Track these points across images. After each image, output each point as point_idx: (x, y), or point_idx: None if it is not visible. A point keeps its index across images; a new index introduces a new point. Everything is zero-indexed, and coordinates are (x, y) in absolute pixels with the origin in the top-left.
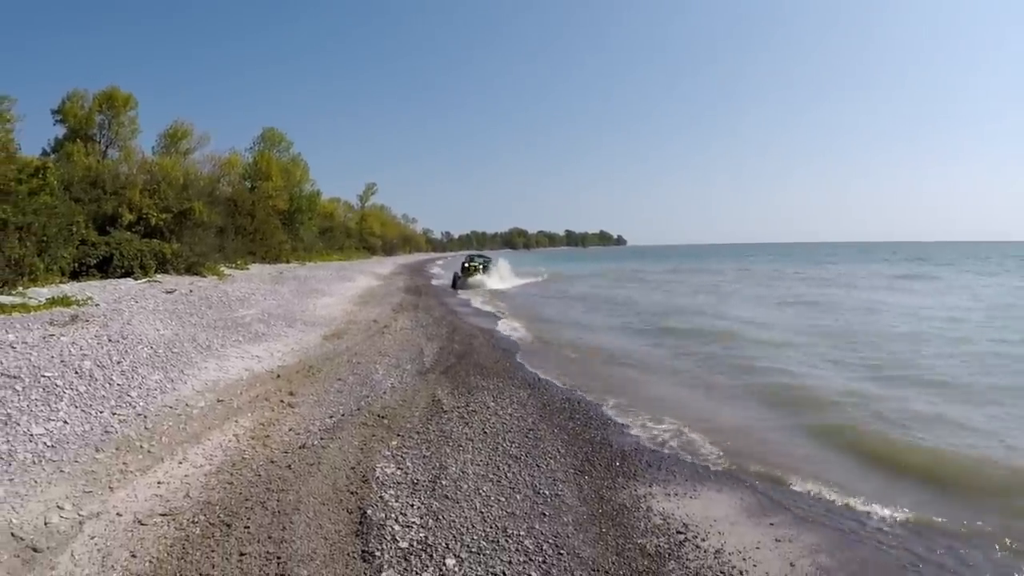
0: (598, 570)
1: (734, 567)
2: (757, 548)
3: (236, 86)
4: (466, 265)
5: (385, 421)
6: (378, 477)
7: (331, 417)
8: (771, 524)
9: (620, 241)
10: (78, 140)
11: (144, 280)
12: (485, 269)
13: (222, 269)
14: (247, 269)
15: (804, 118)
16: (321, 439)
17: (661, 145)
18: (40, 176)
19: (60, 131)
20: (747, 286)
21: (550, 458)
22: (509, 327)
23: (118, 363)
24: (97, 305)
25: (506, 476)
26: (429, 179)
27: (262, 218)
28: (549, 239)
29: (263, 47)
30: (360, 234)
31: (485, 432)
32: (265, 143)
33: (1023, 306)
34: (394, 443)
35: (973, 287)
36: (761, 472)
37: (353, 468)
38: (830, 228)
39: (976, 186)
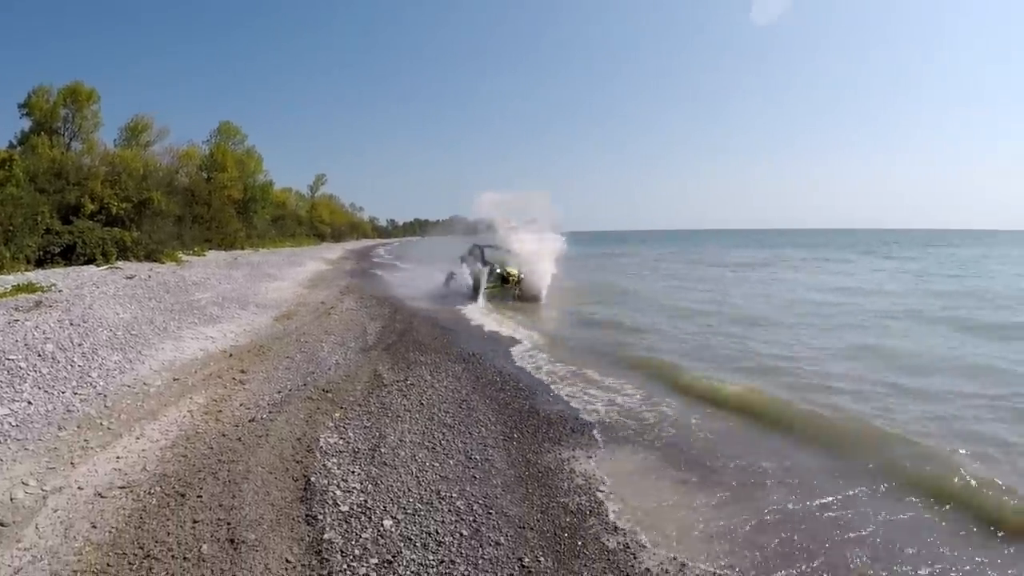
0: (524, 527)
1: (644, 516)
2: (666, 503)
3: (194, 82)
4: (502, 274)
5: (329, 395)
6: (322, 447)
7: (279, 392)
8: (681, 481)
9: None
10: (43, 133)
11: (105, 267)
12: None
13: (180, 256)
14: (204, 256)
15: (721, 113)
16: (269, 413)
17: (590, 138)
18: (6, 168)
19: (26, 124)
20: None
21: (481, 426)
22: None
23: (79, 345)
24: (60, 291)
25: (440, 444)
26: (375, 169)
27: (218, 207)
28: (488, 225)
29: (219, 45)
30: (311, 222)
31: (422, 404)
32: (221, 136)
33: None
34: (337, 415)
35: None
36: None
37: (299, 439)
38: (735, 216)
39: (869, 177)
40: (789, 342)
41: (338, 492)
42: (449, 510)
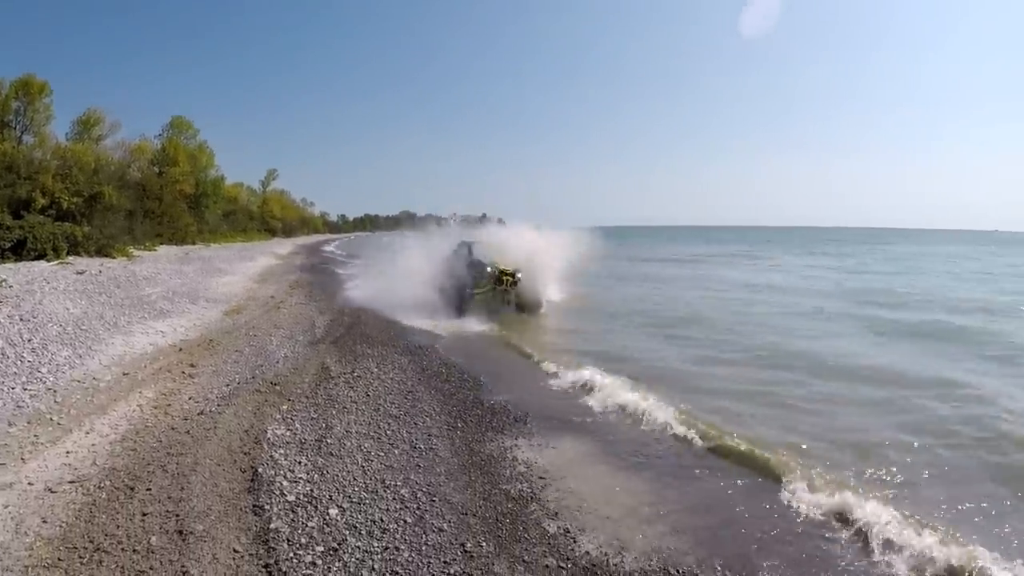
0: (467, 513)
1: (583, 502)
2: (605, 489)
3: (146, 76)
4: (499, 274)
5: (277, 388)
6: (269, 438)
7: (228, 386)
8: (618, 468)
9: (500, 221)
10: None
11: (56, 262)
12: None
13: (131, 251)
14: (155, 251)
15: (670, 112)
16: (218, 406)
17: (543, 137)
18: None
19: None
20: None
21: (426, 416)
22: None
23: (29, 341)
24: (10, 287)
25: (386, 434)
26: (325, 164)
27: (169, 202)
28: (436, 221)
29: (171, 38)
30: (262, 217)
31: (368, 395)
32: (173, 130)
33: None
34: (285, 407)
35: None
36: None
37: (247, 431)
38: (685, 213)
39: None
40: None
41: (285, 482)
42: (394, 498)
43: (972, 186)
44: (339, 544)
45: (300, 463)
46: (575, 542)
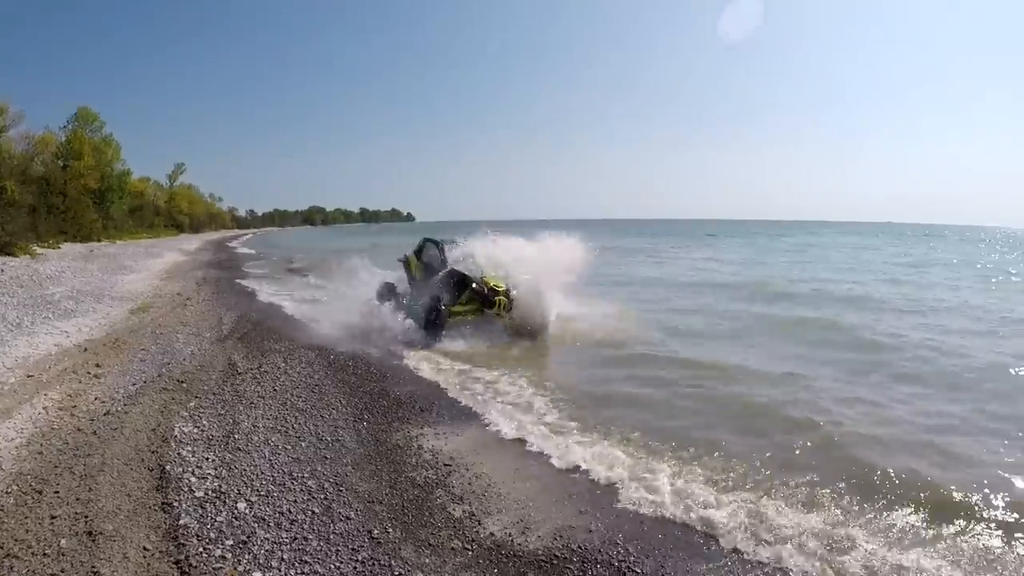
0: (373, 501)
1: (488, 486)
2: (509, 472)
3: (51, 66)
4: (487, 291)
5: (184, 385)
6: (176, 436)
7: (134, 385)
8: (522, 452)
9: (409, 218)
10: None
11: None
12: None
13: (35, 248)
14: (59, 248)
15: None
16: (125, 406)
17: (458, 131)
18: None
19: None
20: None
21: (333, 409)
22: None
23: None
24: None
25: (293, 427)
26: (233, 158)
27: (74, 197)
28: (345, 216)
29: (77, 28)
30: (169, 213)
31: (275, 390)
32: (79, 122)
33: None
34: (192, 404)
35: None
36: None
37: (154, 430)
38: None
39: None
40: None
41: (193, 479)
42: (301, 490)
43: (866, 180)
44: (248, 537)
45: (208, 459)
46: (480, 524)
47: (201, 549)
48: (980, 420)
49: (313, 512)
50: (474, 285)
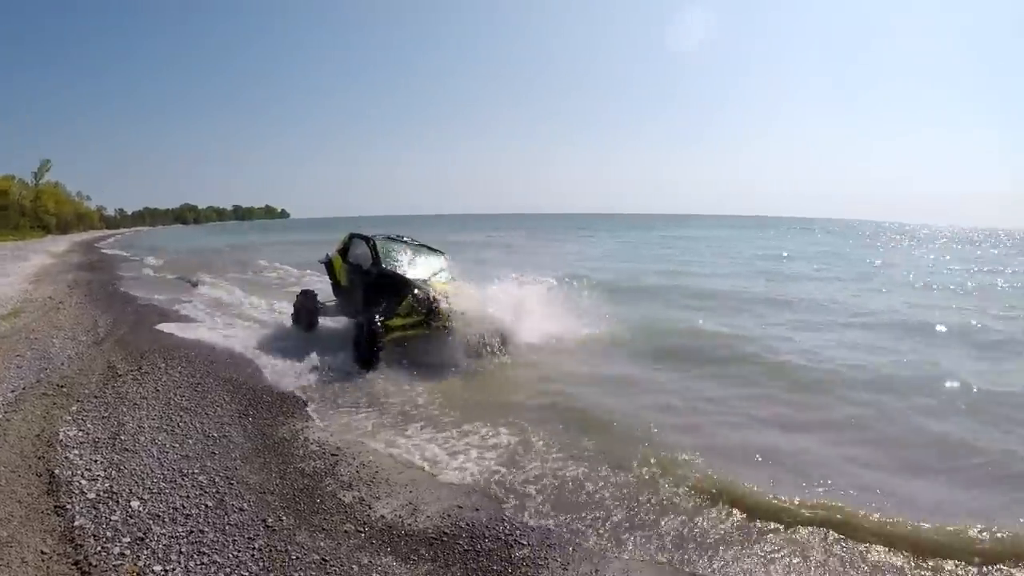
0: (265, 492)
1: (376, 472)
2: (396, 457)
3: None
4: (424, 298)
5: (65, 390)
6: (62, 440)
7: (13, 391)
8: (407, 436)
9: (284, 214)
10: None
11: None
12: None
13: None
14: None
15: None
16: (5, 413)
17: (350, 125)
18: None
19: None
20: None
21: (217, 406)
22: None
23: None
24: None
25: (179, 426)
26: (100, 154)
27: None
28: (218, 214)
29: None
30: (35, 213)
31: (157, 390)
32: None
33: None
34: (74, 408)
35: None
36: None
37: (38, 435)
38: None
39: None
40: None
41: (83, 481)
42: (193, 485)
43: (746, 176)
44: (145, 533)
45: (96, 461)
46: (371, 508)
47: (99, 548)
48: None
49: (207, 506)
50: (416, 292)
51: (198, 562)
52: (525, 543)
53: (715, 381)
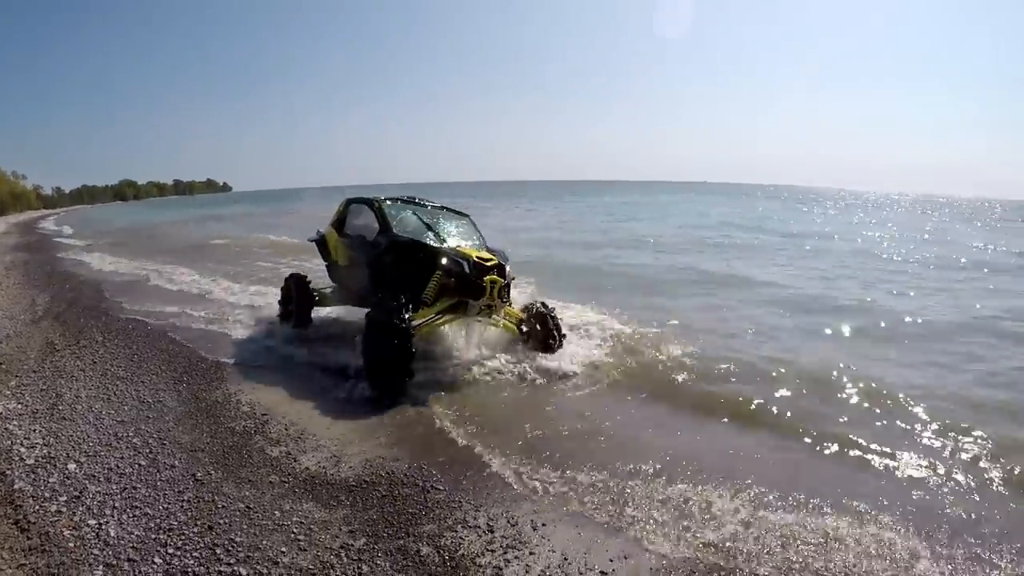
0: (196, 450)
1: (304, 430)
2: (323, 415)
3: None
4: (472, 266)
5: (3, 366)
6: (1, 413)
7: None
8: (333, 398)
9: (226, 188)
10: None
11: None
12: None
13: None
14: None
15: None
16: None
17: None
18: None
19: None
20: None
21: (153, 374)
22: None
23: None
24: None
25: (115, 394)
26: (34, 129)
27: None
28: (158, 189)
29: None
30: None
31: (95, 362)
32: None
33: None
34: (13, 383)
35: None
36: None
37: None
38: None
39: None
40: None
41: (22, 449)
42: (127, 447)
43: (689, 144)
44: (80, 492)
45: (35, 430)
46: (296, 461)
47: (37, 507)
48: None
49: (140, 465)
50: (444, 261)
51: (130, 515)
52: (441, 488)
53: None
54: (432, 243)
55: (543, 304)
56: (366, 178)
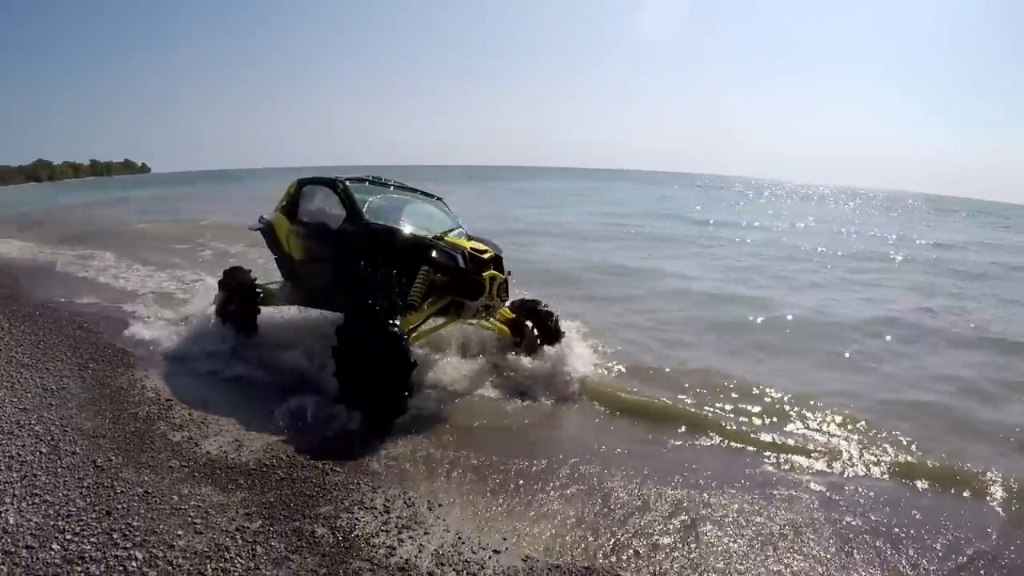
0: (97, 436)
1: (208, 415)
2: (226, 401)
3: None
4: (465, 264)
5: None
6: None
7: None
8: (234, 378)
9: (144, 169)
10: None
11: None
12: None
13: None
14: None
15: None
16: None
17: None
18: None
19: None
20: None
21: (58, 361)
22: None
23: None
24: None
25: (18, 382)
26: None
27: None
28: (74, 170)
29: None
30: None
31: None
32: None
33: None
34: None
35: None
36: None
37: None
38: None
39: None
40: None
41: None
42: (29, 435)
43: (612, 132)
44: None
45: None
46: (198, 446)
47: None
48: None
49: (41, 452)
50: (434, 254)
51: (30, 503)
52: (340, 470)
53: None
54: (415, 232)
55: (532, 300)
56: (293, 159)
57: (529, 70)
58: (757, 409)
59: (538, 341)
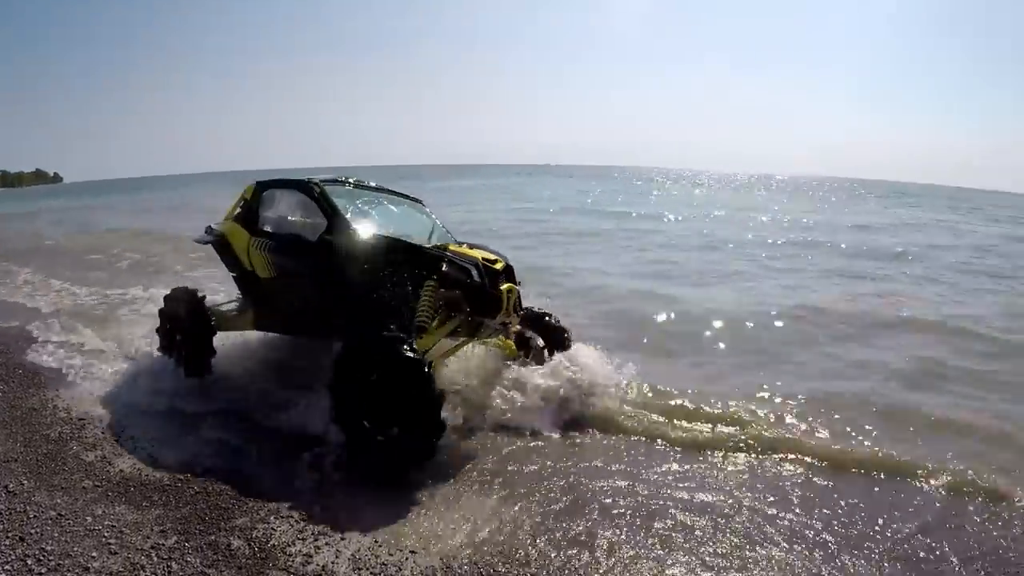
0: (9, 460)
1: (122, 432)
2: (143, 417)
3: None
4: (478, 278)
5: None
6: None
7: None
8: (156, 391)
9: (56, 179)
10: None
11: None
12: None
13: None
14: None
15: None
16: None
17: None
18: None
19: None
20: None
21: None
22: None
23: None
24: None
25: None
26: None
27: None
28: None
29: None
30: None
31: None
32: None
33: None
34: None
35: None
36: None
37: None
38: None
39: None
40: None
41: None
42: None
43: (544, 129)
44: None
45: None
46: (111, 465)
47: None
48: None
49: None
50: (444, 267)
51: None
52: (257, 482)
53: None
54: (417, 242)
55: (535, 308)
56: (203, 165)
57: (445, 70)
58: (674, 404)
59: (546, 354)
